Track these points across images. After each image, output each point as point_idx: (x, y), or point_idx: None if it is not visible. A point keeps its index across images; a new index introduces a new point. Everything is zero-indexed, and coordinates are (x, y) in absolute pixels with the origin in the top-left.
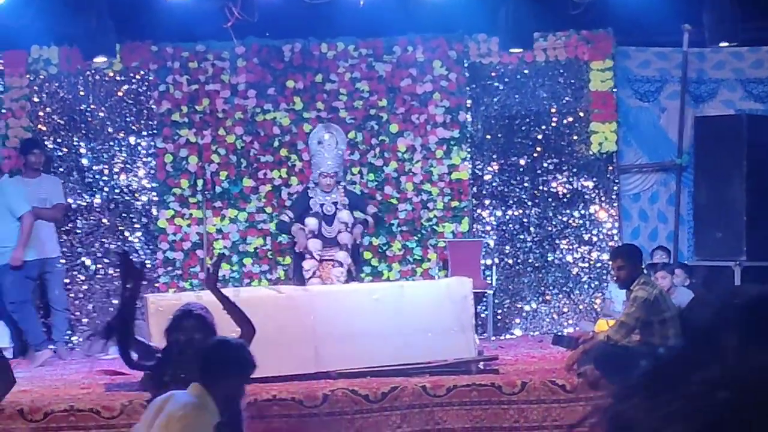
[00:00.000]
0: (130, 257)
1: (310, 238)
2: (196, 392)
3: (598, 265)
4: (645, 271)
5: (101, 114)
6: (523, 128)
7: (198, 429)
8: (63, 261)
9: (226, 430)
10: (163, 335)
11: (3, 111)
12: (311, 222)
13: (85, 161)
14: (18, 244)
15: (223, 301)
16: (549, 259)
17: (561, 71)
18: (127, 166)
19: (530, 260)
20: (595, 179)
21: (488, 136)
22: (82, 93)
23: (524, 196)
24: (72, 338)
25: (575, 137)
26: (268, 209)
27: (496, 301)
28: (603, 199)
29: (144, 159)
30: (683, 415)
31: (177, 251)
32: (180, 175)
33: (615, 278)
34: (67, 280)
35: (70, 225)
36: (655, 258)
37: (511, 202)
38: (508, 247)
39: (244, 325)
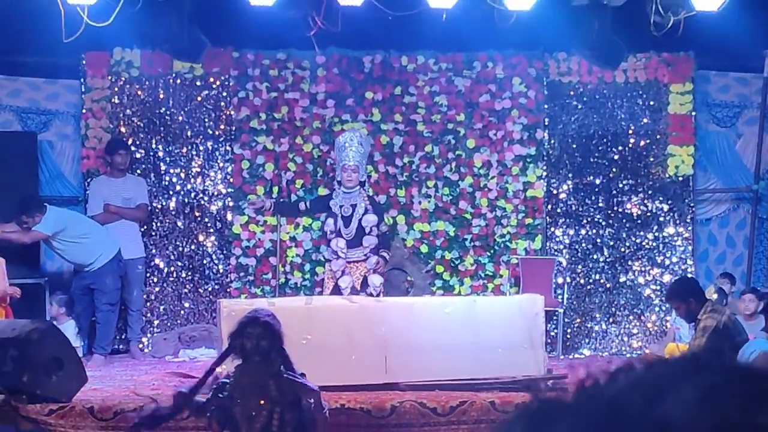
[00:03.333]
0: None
1: (333, 238)
2: None
3: None
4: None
5: (180, 118)
6: (600, 148)
7: None
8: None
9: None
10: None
11: (84, 111)
12: (329, 222)
13: (162, 164)
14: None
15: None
16: (621, 280)
17: (640, 92)
18: (204, 170)
19: (602, 280)
20: (670, 202)
21: (565, 155)
22: (162, 96)
23: (598, 216)
24: (143, 339)
25: (652, 159)
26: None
27: (566, 319)
28: (678, 222)
29: (221, 164)
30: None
31: (250, 257)
32: (256, 181)
33: (679, 316)
34: None
35: (144, 227)
36: (719, 285)
37: (585, 221)
38: (580, 267)
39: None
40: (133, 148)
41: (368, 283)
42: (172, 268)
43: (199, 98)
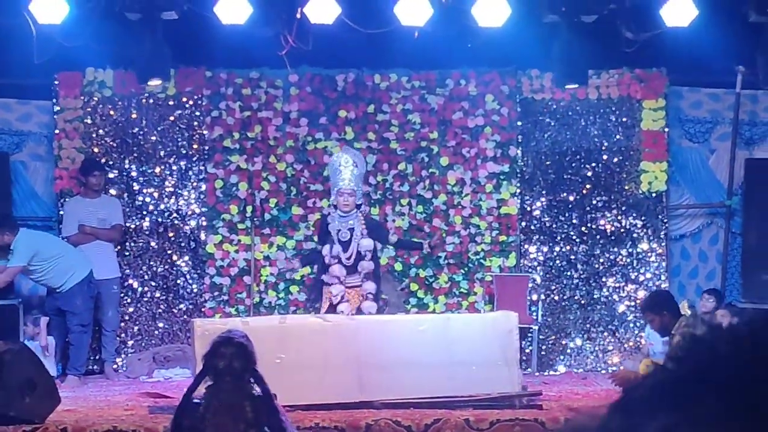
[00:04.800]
0: None
1: (332, 264)
2: None
3: None
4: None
5: (153, 138)
6: (573, 165)
7: None
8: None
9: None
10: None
11: (57, 132)
12: (326, 248)
13: (135, 184)
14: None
15: None
16: (595, 296)
17: (613, 109)
18: (177, 190)
19: (576, 297)
20: (644, 218)
21: (538, 172)
22: (135, 116)
23: (572, 233)
24: (117, 360)
25: (625, 175)
26: (316, 238)
27: (541, 336)
28: (651, 238)
29: (194, 184)
30: None
31: (224, 277)
32: (229, 200)
33: (653, 329)
34: None
35: (118, 247)
36: (702, 301)
37: (558, 238)
38: (554, 284)
39: None
40: (106, 169)
41: (362, 310)
42: (146, 288)
43: (172, 118)
